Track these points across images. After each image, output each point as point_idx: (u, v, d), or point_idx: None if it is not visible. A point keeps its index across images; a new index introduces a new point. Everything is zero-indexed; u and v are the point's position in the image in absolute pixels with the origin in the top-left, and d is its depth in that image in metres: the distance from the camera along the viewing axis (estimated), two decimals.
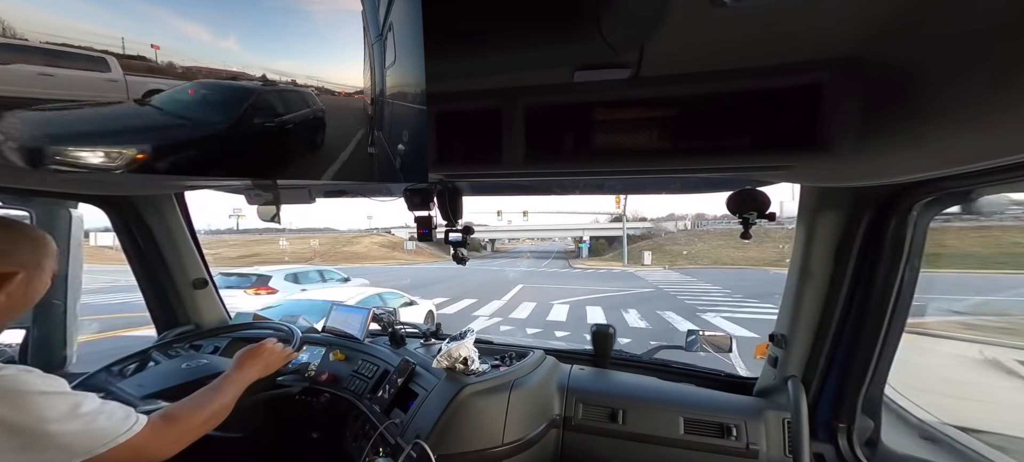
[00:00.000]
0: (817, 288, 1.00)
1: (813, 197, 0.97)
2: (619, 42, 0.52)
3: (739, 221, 0.99)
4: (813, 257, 1.00)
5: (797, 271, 1.04)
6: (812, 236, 1.00)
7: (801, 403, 1.01)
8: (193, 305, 1.52)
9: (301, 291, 6.71)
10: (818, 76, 0.60)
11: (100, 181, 1.12)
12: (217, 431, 1.37)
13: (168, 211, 1.39)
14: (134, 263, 1.44)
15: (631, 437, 1.08)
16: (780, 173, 0.83)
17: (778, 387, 1.12)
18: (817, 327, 1.03)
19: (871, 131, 0.60)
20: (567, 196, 1.42)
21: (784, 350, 1.10)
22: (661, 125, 0.71)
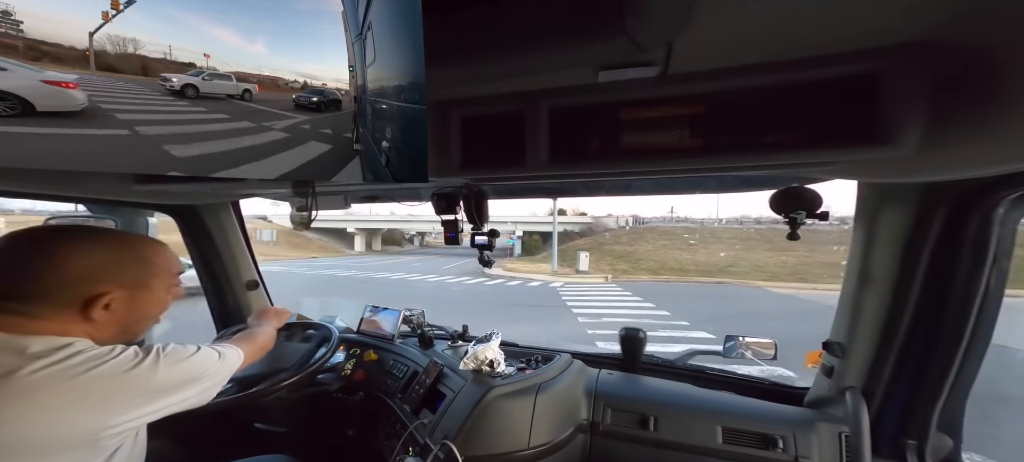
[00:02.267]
0: (880, 293, 0.91)
1: (874, 195, 0.89)
2: (645, 40, 0.51)
3: (785, 221, 0.93)
4: (875, 260, 0.91)
5: (856, 275, 0.95)
6: (873, 237, 0.90)
7: (862, 416, 0.91)
8: (247, 304, 1.66)
9: None
10: (876, 64, 0.55)
11: (172, 192, 1.27)
12: (265, 425, 1.48)
13: (226, 218, 1.55)
14: (198, 266, 1.61)
15: (664, 445, 1.03)
16: (832, 169, 0.76)
17: (833, 398, 1.02)
18: (881, 335, 0.92)
19: (941, 121, 0.54)
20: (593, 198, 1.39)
21: (841, 359, 1.00)
22: (693, 122, 0.68)
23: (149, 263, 0.69)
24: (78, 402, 0.55)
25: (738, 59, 0.59)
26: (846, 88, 0.58)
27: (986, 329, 0.83)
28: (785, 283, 13.60)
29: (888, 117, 0.56)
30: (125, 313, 0.65)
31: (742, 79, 0.61)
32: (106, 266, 0.63)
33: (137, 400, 0.60)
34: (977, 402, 0.90)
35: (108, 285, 0.62)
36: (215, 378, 0.72)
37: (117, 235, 0.70)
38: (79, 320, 0.61)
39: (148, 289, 0.68)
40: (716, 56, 0.58)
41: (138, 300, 0.67)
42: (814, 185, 0.91)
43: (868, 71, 0.56)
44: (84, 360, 0.56)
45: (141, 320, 0.69)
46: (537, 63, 0.61)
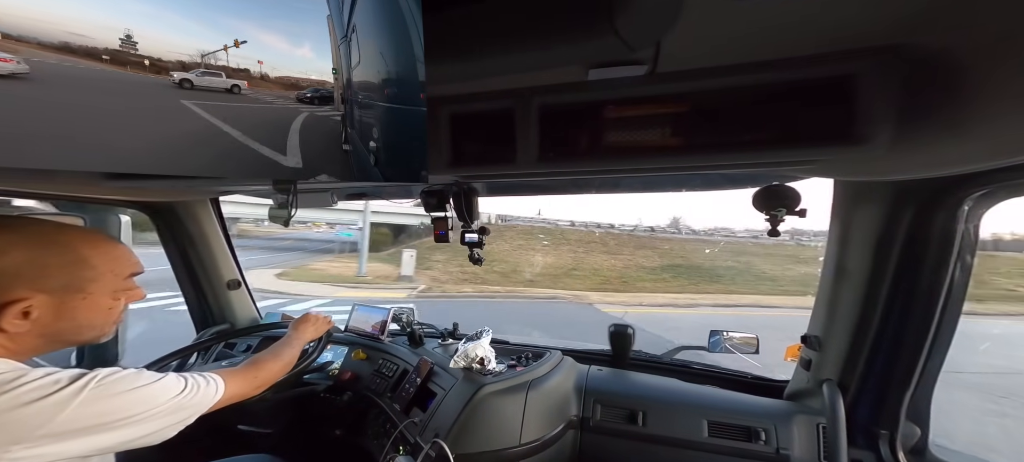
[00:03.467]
0: (854, 288, 0.94)
1: (848, 192, 0.92)
2: (634, 39, 0.51)
3: (766, 218, 0.96)
4: (849, 255, 0.94)
5: (832, 270, 0.99)
6: (848, 233, 0.94)
7: (838, 407, 0.95)
8: (227, 305, 1.61)
9: None
10: (850, 67, 0.57)
11: (147, 188, 1.21)
12: (250, 426, 1.45)
13: (204, 216, 1.49)
14: (176, 265, 1.55)
15: (652, 439, 1.05)
16: (810, 168, 0.79)
17: (811, 390, 1.06)
18: (855, 328, 0.96)
19: (911, 122, 0.56)
20: (582, 196, 1.40)
21: (818, 352, 1.04)
22: (679, 121, 0.69)
23: (85, 264, 0.58)
24: None
25: (722, 59, 0.60)
26: (824, 89, 0.59)
27: (951, 321, 0.88)
28: (617, 295, 12.50)
29: (862, 117, 0.58)
30: (53, 323, 0.56)
31: (726, 79, 0.62)
32: (26, 267, 0.53)
33: (42, 435, 0.49)
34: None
35: (26, 290, 0.53)
36: (170, 417, 0.62)
37: (46, 229, 0.58)
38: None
39: (84, 294, 0.58)
40: (702, 55, 0.59)
41: (69, 307, 0.57)
42: (793, 183, 0.93)
43: (844, 72, 0.57)
44: None
45: (78, 331, 0.60)
46: (527, 61, 0.60)
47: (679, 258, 15.68)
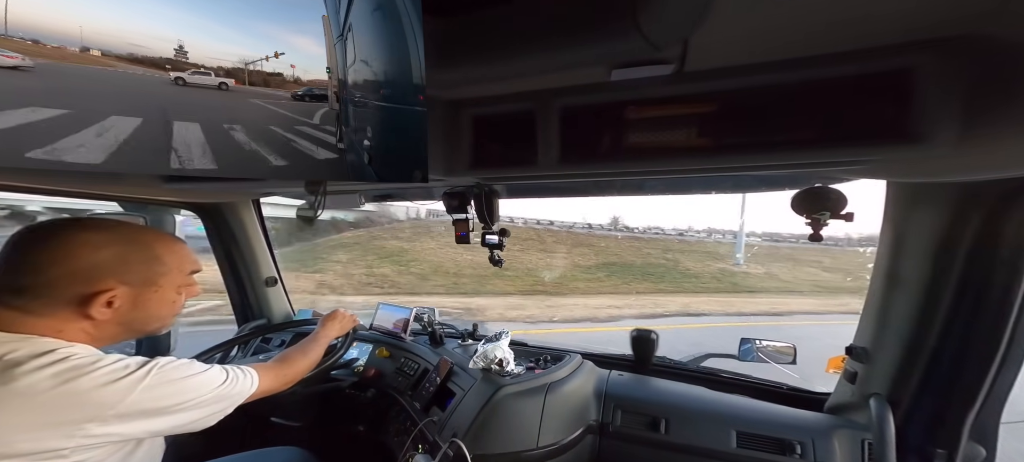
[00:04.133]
0: (910, 297, 0.86)
1: (904, 195, 0.85)
2: (659, 37, 0.50)
3: (806, 222, 0.90)
4: (904, 262, 0.87)
5: (883, 278, 0.91)
6: (902, 239, 0.87)
7: (887, 423, 0.87)
8: (265, 301, 1.72)
9: None
10: (907, 60, 0.53)
11: (198, 190, 1.33)
12: (282, 419, 1.52)
13: (247, 216, 1.61)
14: (221, 262, 1.67)
15: (675, 448, 1.01)
16: (860, 169, 0.74)
17: (856, 405, 0.98)
18: (909, 341, 0.88)
19: (979, 119, 0.51)
20: (605, 198, 1.38)
21: (865, 365, 0.96)
22: (710, 121, 0.66)
23: (159, 261, 0.66)
24: (41, 418, 0.51)
25: (759, 56, 0.57)
26: (874, 85, 0.55)
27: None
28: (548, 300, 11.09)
29: (920, 115, 0.54)
30: (129, 312, 0.62)
31: (762, 76, 0.60)
32: (114, 261, 0.60)
33: (112, 416, 0.55)
34: None
35: (112, 281, 0.59)
36: (213, 406, 0.67)
37: (130, 229, 0.66)
38: (77, 317, 0.58)
39: (156, 288, 0.65)
40: (735, 52, 0.57)
41: (144, 299, 0.64)
42: (839, 185, 0.88)
43: (898, 67, 0.53)
44: (64, 371, 0.53)
45: (148, 321, 0.66)
46: (549, 62, 0.60)
47: (614, 256, 14.79)
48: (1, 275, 0.58)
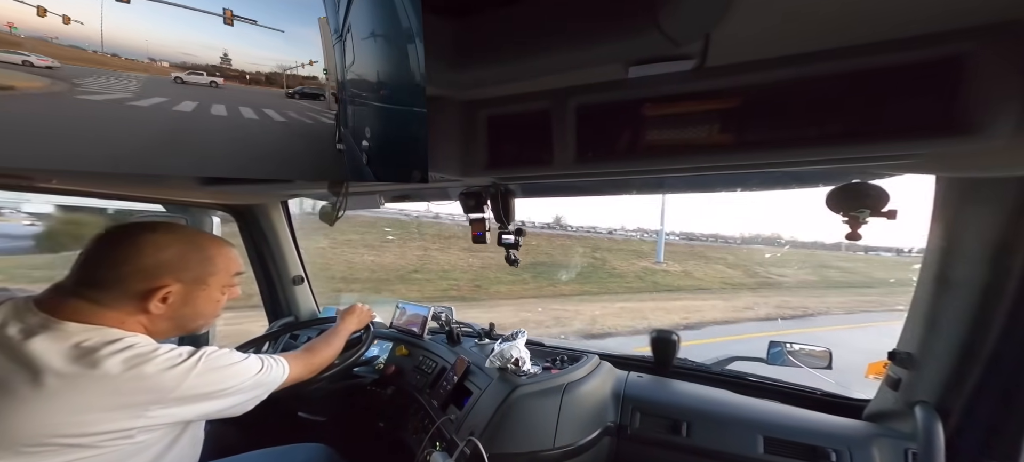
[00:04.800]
0: (963, 300, 0.80)
1: (956, 191, 0.79)
2: (680, 33, 0.49)
3: (844, 220, 0.85)
4: (957, 263, 0.80)
5: (932, 280, 0.85)
6: (955, 238, 0.80)
7: (935, 432, 0.80)
8: (293, 299, 1.79)
9: None
10: (959, 47, 0.49)
11: (232, 192, 1.41)
12: (306, 414, 1.58)
13: (276, 217, 1.69)
14: (253, 262, 1.76)
15: (697, 452, 0.97)
16: (906, 164, 0.69)
17: (900, 412, 0.92)
18: (962, 346, 0.81)
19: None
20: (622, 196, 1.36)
21: (911, 371, 0.89)
22: (734, 116, 0.64)
23: (210, 261, 0.71)
24: (115, 399, 0.56)
25: (789, 48, 0.55)
26: (921, 74, 0.52)
27: None
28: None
29: (975, 105, 0.50)
30: (179, 308, 0.67)
31: (793, 68, 0.57)
32: (173, 260, 0.66)
33: (172, 399, 0.61)
34: None
35: (168, 279, 0.65)
36: (251, 392, 0.72)
37: (189, 232, 0.72)
38: (137, 311, 0.64)
39: (205, 287, 0.70)
40: (763, 45, 0.55)
41: (193, 296, 0.68)
42: (878, 181, 0.82)
43: (949, 54, 0.50)
44: (131, 357, 0.58)
45: (194, 318, 0.71)
46: (566, 60, 0.60)
47: (544, 255, 14.04)
48: (80, 270, 0.64)
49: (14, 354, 0.55)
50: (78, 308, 0.61)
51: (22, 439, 0.52)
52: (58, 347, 0.56)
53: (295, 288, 1.79)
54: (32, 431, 0.52)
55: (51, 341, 0.56)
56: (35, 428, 0.52)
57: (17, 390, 0.53)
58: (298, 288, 1.79)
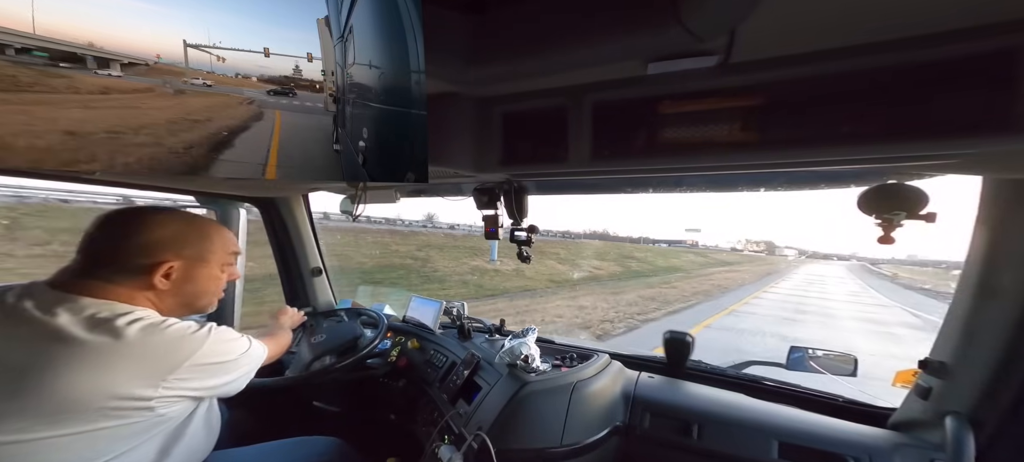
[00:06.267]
0: (1007, 309, 0.74)
1: (1004, 193, 0.74)
2: (703, 29, 0.48)
3: (877, 222, 0.80)
4: (1001, 269, 0.75)
5: (973, 286, 0.79)
6: (1001, 243, 0.75)
7: (965, 445, 0.76)
8: (312, 289, 1.85)
9: None
10: (1008, 40, 0.46)
11: (257, 184, 1.47)
12: (322, 404, 1.63)
13: (298, 210, 1.75)
14: (276, 253, 1.83)
15: (707, 455, 0.95)
16: (952, 164, 0.65)
17: (928, 422, 0.87)
18: (1002, 358, 0.75)
19: None
20: (639, 195, 1.33)
21: (944, 380, 0.84)
22: (760, 114, 0.62)
23: (208, 238, 0.75)
24: (134, 365, 0.59)
25: (822, 42, 0.52)
26: (970, 68, 0.49)
27: None
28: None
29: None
30: (183, 283, 0.71)
31: (826, 64, 0.55)
32: (173, 237, 0.70)
33: (187, 366, 0.64)
34: None
35: (169, 254, 0.68)
36: (246, 368, 0.76)
37: (186, 214, 0.76)
38: (144, 288, 0.67)
39: (205, 263, 0.74)
40: (794, 39, 0.52)
41: (195, 272, 0.72)
42: (916, 181, 0.77)
43: (997, 48, 0.47)
44: (146, 326, 0.62)
45: (199, 295, 0.75)
46: (584, 56, 0.59)
47: (337, 258, 13.23)
48: (86, 250, 0.69)
49: (37, 327, 0.59)
50: (89, 286, 0.65)
51: (52, 406, 0.55)
52: (77, 318, 0.60)
53: (314, 280, 1.84)
54: (62, 397, 0.55)
55: (70, 313, 0.60)
56: (65, 393, 0.55)
57: (48, 356, 0.56)
58: (317, 280, 1.85)
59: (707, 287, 14.22)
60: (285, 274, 1.85)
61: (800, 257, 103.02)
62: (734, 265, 31.82)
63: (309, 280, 1.83)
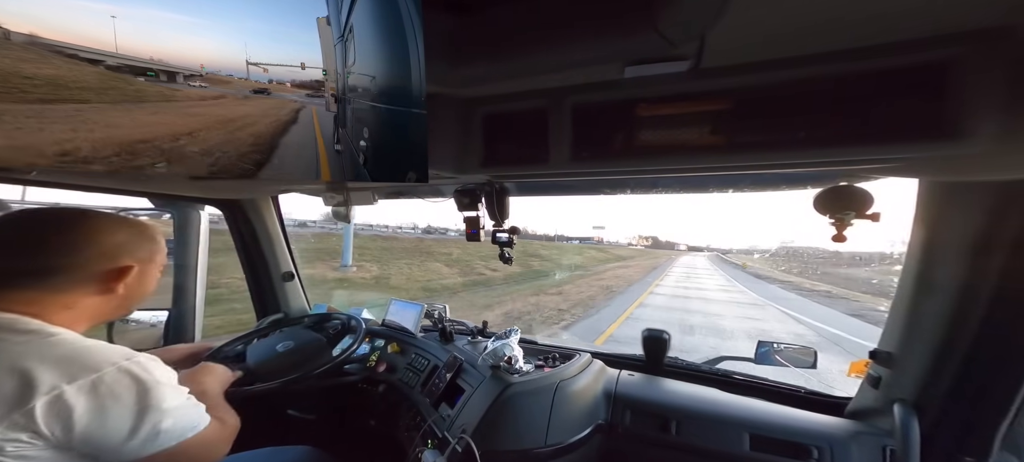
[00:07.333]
0: (941, 300, 0.82)
1: (937, 194, 0.81)
2: (676, 34, 0.50)
3: (831, 222, 0.87)
4: (936, 264, 0.83)
5: (913, 280, 0.87)
6: (935, 240, 0.83)
7: (911, 430, 0.84)
8: (283, 295, 1.77)
9: None
10: (943, 53, 0.51)
11: (221, 186, 1.38)
12: (296, 411, 1.56)
13: (266, 212, 1.66)
14: (242, 257, 1.73)
15: (685, 449, 0.99)
16: (891, 167, 0.71)
17: (879, 410, 0.95)
18: (940, 346, 0.84)
19: (1021, 114, 0.48)
20: (618, 196, 1.36)
21: (891, 370, 0.92)
22: (727, 118, 0.65)
23: (154, 240, 0.73)
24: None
25: (780, 51, 0.55)
26: (907, 79, 0.53)
27: None
28: None
29: (958, 110, 0.51)
30: (137, 287, 0.69)
31: (783, 71, 0.58)
32: (128, 241, 0.67)
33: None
34: None
35: (129, 259, 0.66)
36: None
37: (130, 218, 0.73)
38: (93, 293, 0.63)
39: (153, 265, 0.73)
40: (755, 48, 0.55)
41: (147, 275, 0.71)
42: (864, 183, 0.84)
43: (934, 60, 0.51)
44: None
45: (144, 296, 0.72)
46: (563, 59, 0.60)
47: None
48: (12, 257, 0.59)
49: None
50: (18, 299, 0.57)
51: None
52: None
53: (285, 285, 1.76)
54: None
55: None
56: None
57: None
58: (288, 285, 1.77)
59: (594, 292, 12.04)
60: (253, 280, 1.75)
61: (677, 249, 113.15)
62: (627, 259, 33.79)
63: (280, 286, 1.75)
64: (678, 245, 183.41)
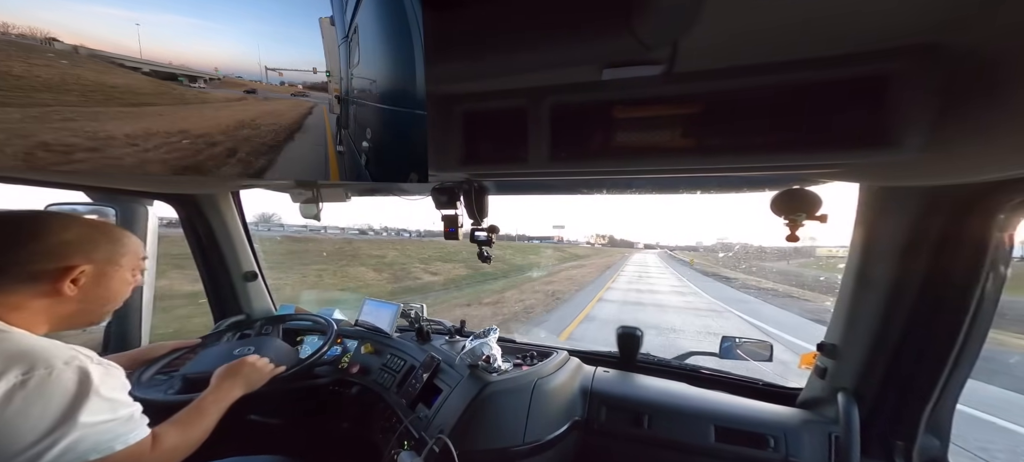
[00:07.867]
0: (877, 296, 0.91)
1: (874, 198, 0.89)
2: (650, 38, 0.51)
3: (785, 223, 0.93)
4: (873, 263, 0.91)
5: (853, 277, 0.95)
6: (872, 240, 0.91)
7: (852, 417, 0.92)
8: (245, 296, 1.66)
9: None
10: (883, 67, 0.55)
11: (173, 180, 1.26)
12: (259, 417, 1.48)
13: (226, 209, 1.54)
14: (196, 256, 1.60)
15: (656, 443, 1.04)
16: (835, 172, 0.77)
17: (826, 399, 1.03)
18: (875, 338, 0.93)
19: (946, 126, 0.53)
20: (594, 196, 1.39)
21: (835, 361, 1.01)
22: (695, 122, 0.67)
23: (119, 241, 0.70)
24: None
25: (743, 58, 0.58)
26: (853, 90, 0.57)
27: (980, 333, 0.83)
28: None
29: (894, 120, 0.56)
30: (92, 289, 0.65)
31: (746, 79, 0.61)
32: (81, 240, 0.64)
33: None
34: None
35: (78, 259, 0.63)
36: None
37: (91, 218, 0.71)
38: (40, 296, 0.61)
39: (118, 267, 0.69)
40: (721, 55, 0.58)
41: (107, 277, 0.67)
42: (815, 187, 0.91)
43: (875, 73, 0.55)
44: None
45: (106, 301, 0.69)
46: (541, 59, 0.60)
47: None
48: None
49: None
50: None
51: None
52: None
53: (248, 285, 1.65)
54: None
55: None
56: None
57: None
58: (251, 285, 1.66)
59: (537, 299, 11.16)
60: (210, 281, 1.63)
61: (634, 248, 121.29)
62: (583, 258, 34.44)
63: (241, 286, 1.64)
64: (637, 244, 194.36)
